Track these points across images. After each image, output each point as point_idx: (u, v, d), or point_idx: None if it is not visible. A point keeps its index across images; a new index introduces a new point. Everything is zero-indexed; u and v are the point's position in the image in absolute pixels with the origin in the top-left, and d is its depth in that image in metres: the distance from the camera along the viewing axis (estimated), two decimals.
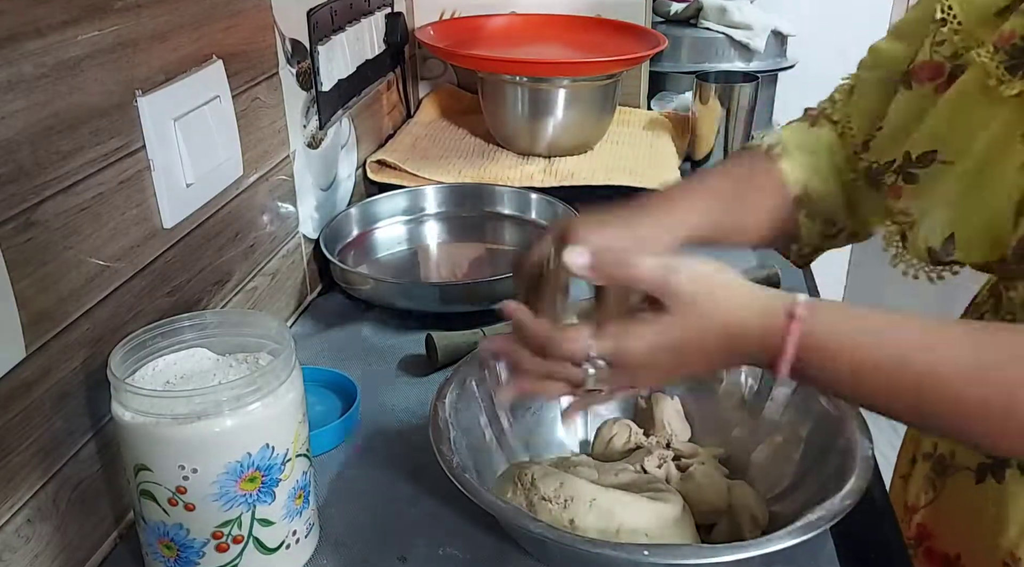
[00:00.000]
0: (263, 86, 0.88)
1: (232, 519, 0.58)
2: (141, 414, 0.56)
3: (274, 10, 0.90)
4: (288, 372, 0.60)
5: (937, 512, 0.72)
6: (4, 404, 0.55)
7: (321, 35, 1.02)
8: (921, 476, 0.74)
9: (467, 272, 1.12)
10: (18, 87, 0.54)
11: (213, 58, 0.77)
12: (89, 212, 0.61)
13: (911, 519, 0.75)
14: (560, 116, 1.25)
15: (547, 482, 0.64)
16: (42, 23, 0.56)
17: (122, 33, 0.64)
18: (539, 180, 1.20)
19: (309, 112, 1.00)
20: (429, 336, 0.89)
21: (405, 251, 1.15)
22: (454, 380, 0.71)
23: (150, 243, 0.69)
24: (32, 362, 0.57)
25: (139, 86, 0.67)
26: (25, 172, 0.55)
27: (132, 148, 0.66)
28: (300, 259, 1.00)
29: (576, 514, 0.63)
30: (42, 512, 0.59)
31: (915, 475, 0.75)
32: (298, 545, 0.63)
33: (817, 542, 0.64)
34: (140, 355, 0.61)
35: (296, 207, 0.98)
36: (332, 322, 0.98)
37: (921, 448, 0.75)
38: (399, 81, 1.36)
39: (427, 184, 1.19)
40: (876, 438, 0.65)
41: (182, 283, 0.74)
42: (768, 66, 1.59)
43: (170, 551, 0.59)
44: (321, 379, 0.84)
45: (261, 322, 0.65)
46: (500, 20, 1.40)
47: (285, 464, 0.60)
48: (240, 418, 0.56)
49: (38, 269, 0.57)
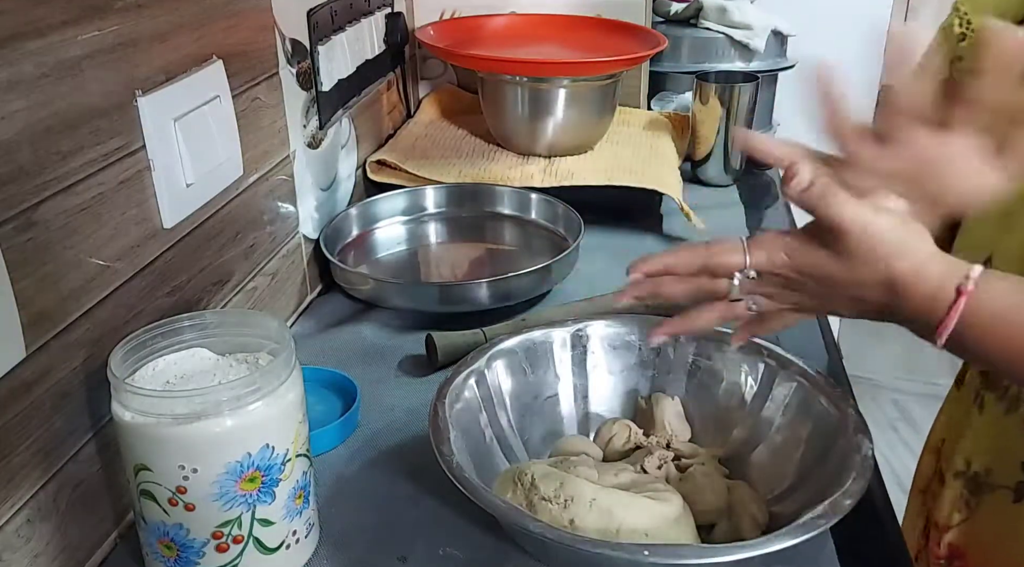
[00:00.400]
0: (263, 86, 0.88)
1: (232, 519, 0.58)
2: (141, 414, 0.56)
3: (274, 10, 0.90)
4: (288, 372, 0.60)
5: (971, 532, 0.71)
6: (4, 404, 0.55)
7: (321, 35, 1.02)
8: (954, 495, 0.73)
9: (467, 272, 1.12)
10: (18, 87, 0.54)
11: (213, 58, 0.77)
12: (89, 212, 0.61)
13: (941, 538, 0.74)
14: (560, 116, 1.25)
15: (547, 482, 0.64)
16: (42, 23, 0.56)
17: (122, 33, 0.64)
18: (539, 180, 1.20)
19: (309, 112, 1.00)
20: (429, 336, 0.89)
21: (405, 251, 1.15)
22: (454, 380, 0.71)
23: (150, 243, 0.69)
24: (32, 362, 0.57)
25: (139, 86, 0.67)
26: (25, 172, 0.55)
27: (132, 148, 0.66)
28: (300, 259, 1.00)
29: (576, 514, 0.63)
30: (42, 512, 0.59)
31: (946, 493, 0.74)
32: (298, 545, 0.63)
33: (817, 542, 0.64)
34: (140, 355, 0.61)
35: (296, 207, 0.98)
36: (332, 322, 0.98)
37: (952, 466, 0.74)
38: (399, 81, 1.36)
39: (427, 184, 1.19)
40: (876, 439, 0.65)
41: (182, 283, 0.74)
42: (768, 66, 1.59)
43: (170, 551, 0.59)
44: (321, 379, 0.85)
45: (261, 322, 0.65)
46: (500, 20, 1.40)
47: (285, 464, 0.60)
48: (240, 418, 0.56)
49: (38, 269, 0.57)
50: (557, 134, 1.26)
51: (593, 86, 1.25)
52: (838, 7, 2.30)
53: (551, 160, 1.26)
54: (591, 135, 1.31)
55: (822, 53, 1.54)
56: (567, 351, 0.78)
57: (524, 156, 1.28)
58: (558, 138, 1.27)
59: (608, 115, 1.31)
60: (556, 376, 0.78)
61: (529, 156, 1.28)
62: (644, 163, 1.25)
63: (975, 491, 0.70)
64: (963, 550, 0.72)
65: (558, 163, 1.25)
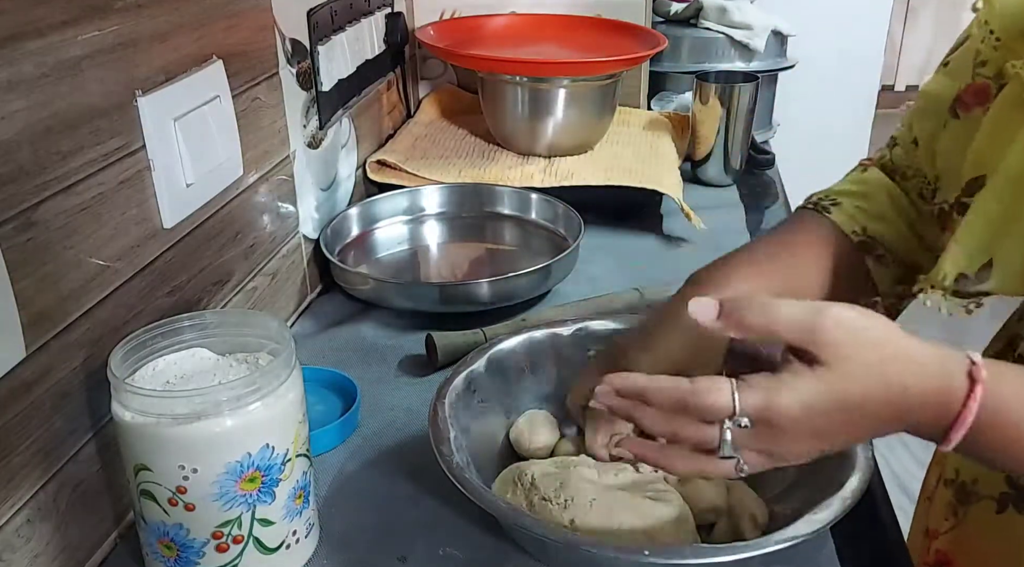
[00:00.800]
0: (263, 86, 0.88)
1: (232, 519, 0.58)
2: (141, 414, 0.56)
3: (274, 10, 0.90)
4: (288, 372, 0.60)
5: (958, 539, 0.71)
6: (4, 404, 0.55)
7: (321, 35, 1.02)
8: (944, 502, 0.72)
9: (467, 272, 1.12)
10: (18, 87, 0.54)
11: (213, 58, 0.77)
12: (89, 212, 0.61)
13: (930, 545, 0.74)
14: (560, 116, 1.25)
15: (547, 482, 0.64)
16: (42, 23, 0.56)
17: (122, 33, 0.64)
18: (539, 180, 1.20)
19: (309, 112, 1.00)
20: (429, 336, 0.89)
21: (405, 251, 1.15)
22: (454, 380, 0.71)
23: (150, 243, 0.69)
24: (32, 362, 0.57)
25: (139, 86, 0.67)
26: (25, 172, 0.55)
27: (132, 148, 0.66)
28: (300, 259, 1.00)
29: (576, 514, 0.63)
30: (42, 512, 0.59)
31: (936, 500, 0.74)
32: (298, 545, 0.63)
33: (817, 542, 0.64)
34: (140, 355, 0.61)
35: (296, 207, 0.98)
36: (332, 322, 0.98)
37: (945, 472, 0.73)
38: (399, 81, 1.36)
39: (427, 184, 1.19)
40: (878, 441, 0.65)
41: (182, 283, 0.74)
42: (768, 66, 1.59)
43: (170, 551, 0.59)
44: (321, 379, 0.85)
45: (261, 322, 0.65)
46: (500, 20, 1.40)
47: (285, 464, 0.60)
48: (240, 418, 0.56)
49: (38, 269, 0.57)
50: (557, 134, 1.26)
51: (593, 86, 1.25)
52: (838, 7, 2.30)
53: (551, 160, 1.27)
54: (591, 135, 1.31)
55: (822, 53, 1.54)
56: (567, 351, 0.78)
57: (524, 156, 1.28)
58: (558, 138, 1.27)
59: (608, 115, 1.31)
60: (557, 376, 0.78)
61: (529, 156, 1.28)
62: (644, 163, 1.25)
63: (963, 500, 0.70)
64: (951, 558, 0.72)
65: (558, 163, 1.25)
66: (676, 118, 1.43)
